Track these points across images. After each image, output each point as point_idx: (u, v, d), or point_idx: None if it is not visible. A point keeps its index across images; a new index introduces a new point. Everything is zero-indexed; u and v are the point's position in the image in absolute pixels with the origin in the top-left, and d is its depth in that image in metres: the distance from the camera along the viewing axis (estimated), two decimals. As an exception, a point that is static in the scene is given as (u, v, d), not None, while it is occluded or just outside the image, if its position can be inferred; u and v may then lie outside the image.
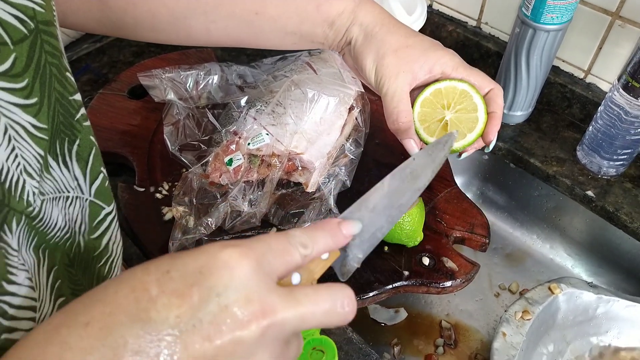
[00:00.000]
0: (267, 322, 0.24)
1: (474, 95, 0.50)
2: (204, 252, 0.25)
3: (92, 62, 0.91)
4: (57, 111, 0.32)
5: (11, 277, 0.27)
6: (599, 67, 0.76)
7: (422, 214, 0.60)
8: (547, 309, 0.63)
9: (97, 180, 0.37)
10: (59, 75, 0.31)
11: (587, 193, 0.72)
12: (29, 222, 0.29)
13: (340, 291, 0.27)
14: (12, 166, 0.27)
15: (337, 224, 0.31)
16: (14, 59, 0.27)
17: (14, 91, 0.27)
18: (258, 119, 0.64)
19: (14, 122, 0.27)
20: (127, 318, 0.23)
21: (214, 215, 0.58)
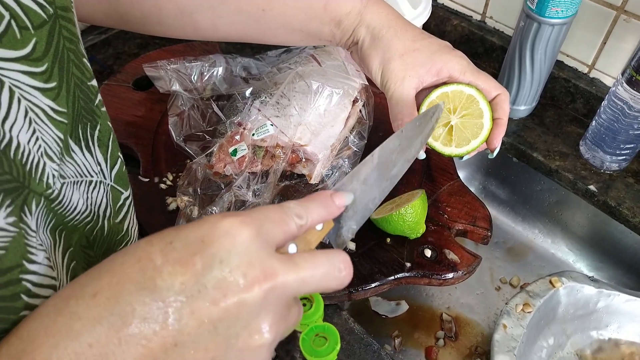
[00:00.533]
0: (269, 285, 0.25)
1: (480, 101, 0.50)
2: (205, 222, 0.26)
3: (97, 53, 0.92)
4: (77, 96, 0.32)
5: (31, 256, 0.27)
6: (603, 62, 0.76)
7: (425, 207, 0.60)
8: (548, 302, 0.64)
9: (116, 165, 0.38)
10: (76, 61, 0.32)
11: (589, 188, 0.72)
12: (47, 204, 0.29)
13: (337, 256, 0.29)
14: (33, 148, 0.28)
15: (330, 195, 0.33)
16: (35, 44, 0.28)
17: (34, 75, 0.28)
18: (262, 110, 0.64)
19: (34, 105, 0.28)
20: (134, 287, 0.24)
21: (218, 205, 0.59)
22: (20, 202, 0.27)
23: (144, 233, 0.64)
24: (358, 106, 0.70)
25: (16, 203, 0.26)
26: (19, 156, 0.27)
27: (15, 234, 0.26)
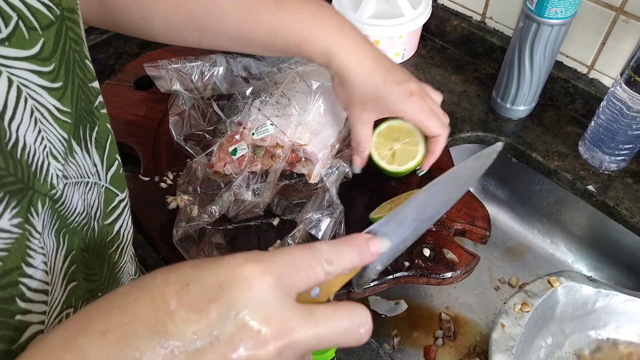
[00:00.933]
0: (285, 343, 0.24)
1: (417, 133, 0.64)
2: (224, 265, 0.25)
3: (99, 53, 0.92)
4: (80, 97, 0.32)
5: (30, 259, 0.27)
6: (603, 63, 0.77)
7: None
8: (546, 302, 0.64)
9: (112, 167, 0.38)
10: (80, 62, 0.32)
11: (588, 188, 0.72)
12: (52, 205, 0.30)
13: (359, 313, 0.27)
14: (38, 148, 0.28)
15: (366, 240, 0.30)
16: (43, 44, 0.28)
17: (42, 74, 0.28)
18: (262, 109, 0.65)
19: (40, 104, 0.28)
20: (145, 329, 0.23)
21: (218, 204, 0.59)
22: (26, 203, 0.27)
23: (144, 232, 0.64)
24: (358, 106, 0.71)
25: (22, 204, 0.26)
26: (25, 157, 0.27)
27: (19, 235, 0.26)
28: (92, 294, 0.37)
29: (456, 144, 0.80)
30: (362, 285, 0.34)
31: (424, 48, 0.94)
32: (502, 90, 0.78)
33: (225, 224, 0.62)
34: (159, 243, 0.62)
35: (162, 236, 0.62)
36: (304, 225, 0.59)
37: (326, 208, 0.61)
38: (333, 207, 0.61)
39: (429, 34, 0.95)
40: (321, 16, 0.55)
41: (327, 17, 0.55)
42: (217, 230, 0.61)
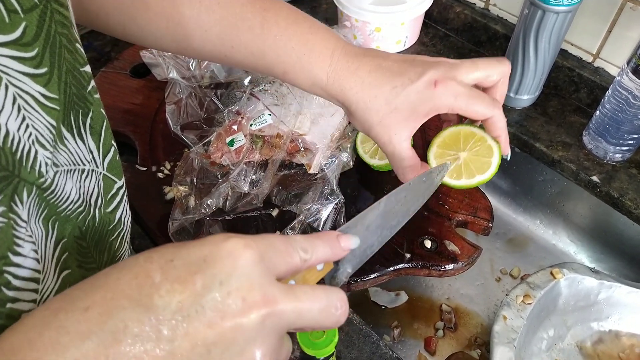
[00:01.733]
0: (267, 311, 0.25)
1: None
2: (208, 242, 0.26)
3: (95, 40, 0.90)
4: (69, 82, 0.31)
5: (17, 248, 0.27)
6: (608, 51, 0.75)
7: None
8: (549, 294, 0.63)
9: (109, 153, 0.37)
10: (69, 46, 0.31)
11: (592, 178, 0.71)
12: (39, 193, 0.29)
13: (335, 293, 0.28)
14: (23, 136, 0.27)
15: (337, 236, 0.32)
16: (24, 28, 0.27)
17: (24, 60, 0.27)
18: (261, 98, 0.63)
19: (23, 91, 0.27)
20: (129, 303, 0.23)
21: (214, 196, 0.58)
22: (10, 191, 0.26)
23: (142, 222, 0.63)
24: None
25: (5, 192, 0.26)
26: (8, 144, 0.26)
27: (3, 224, 0.25)
28: None
29: (458, 134, 0.79)
30: (335, 286, 0.36)
31: (426, 36, 0.92)
32: (506, 79, 0.77)
33: (224, 215, 0.61)
34: (157, 234, 0.61)
35: (160, 227, 0.61)
36: (303, 216, 0.59)
37: (326, 198, 0.60)
38: (333, 198, 0.60)
39: (432, 21, 0.94)
40: (310, 40, 0.48)
41: (317, 41, 0.48)
42: (215, 222, 0.60)
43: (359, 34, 0.85)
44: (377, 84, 0.47)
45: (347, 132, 0.68)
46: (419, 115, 0.47)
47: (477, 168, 0.52)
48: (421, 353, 0.71)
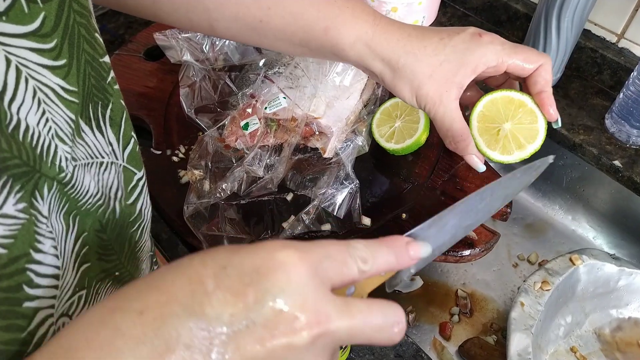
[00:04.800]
0: (320, 331, 0.24)
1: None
2: (261, 249, 0.25)
3: (108, 22, 0.90)
4: (88, 74, 0.31)
5: (38, 245, 0.26)
6: (634, 31, 0.72)
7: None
8: (567, 280, 0.62)
9: (129, 145, 0.37)
10: (87, 36, 0.30)
11: (614, 163, 0.70)
12: (60, 188, 0.28)
13: (393, 312, 0.26)
14: (43, 130, 0.27)
15: (406, 243, 0.30)
16: (43, 18, 0.26)
17: (43, 52, 0.26)
18: (276, 81, 0.62)
19: (42, 84, 0.26)
20: (182, 310, 0.23)
21: (229, 180, 0.58)
22: (30, 187, 0.26)
23: (157, 206, 0.63)
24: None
25: (26, 188, 0.25)
26: (28, 139, 0.25)
27: (25, 221, 0.25)
28: (107, 274, 0.37)
29: (476, 117, 0.77)
30: (394, 286, 0.33)
31: (444, 15, 0.90)
32: (526, 60, 0.75)
33: (239, 199, 0.61)
34: (172, 218, 0.61)
35: (175, 211, 0.61)
36: (318, 201, 0.58)
37: (341, 183, 0.59)
38: (348, 182, 0.60)
39: (450, 0, 0.91)
40: (350, 3, 0.46)
41: (357, 6, 0.47)
42: (230, 205, 0.60)
43: (375, 14, 0.83)
44: (423, 37, 0.46)
45: (362, 115, 0.67)
46: (467, 67, 0.45)
47: (526, 137, 0.49)
48: (436, 338, 0.71)
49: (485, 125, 0.50)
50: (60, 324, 0.31)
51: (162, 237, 0.62)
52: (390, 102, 0.66)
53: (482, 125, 0.50)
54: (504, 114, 0.49)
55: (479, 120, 0.50)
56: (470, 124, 0.50)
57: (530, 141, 0.49)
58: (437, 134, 0.68)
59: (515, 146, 0.49)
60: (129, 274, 0.41)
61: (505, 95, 0.49)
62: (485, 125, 0.50)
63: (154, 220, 0.63)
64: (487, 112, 0.50)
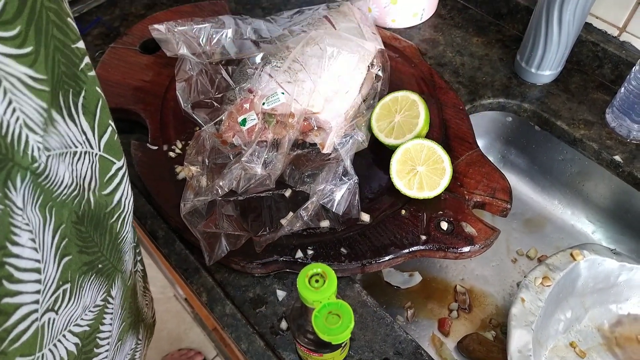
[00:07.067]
0: None
1: (419, 105, 0.64)
2: None
3: (103, 15, 0.88)
4: (58, 60, 0.29)
5: (15, 237, 0.26)
6: (636, 24, 0.71)
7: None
8: (568, 276, 0.62)
9: (105, 133, 0.36)
10: (58, 21, 0.29)
11: (614, 158, 0.69)
12: (34, 178, 0.27)
13: None
14: (11, 120, 0.26)
15: None
16: (4, 4, 0.25)
17: (5, 40, 0.25)
18: (274, 76, 0.61)
19: (7, 73, 0.25)
20: None
21: (226, 178, 0.57)
22: (3, 176, 0.25)
23: (154, 202, 0.63)
24: (373, 72, 0.67)
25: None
26: None
27: (0, 211, 0.24)
28: (89, 267, 0.36)
29: (476, 111, 0.77)
30: None
31: (443, 8, 0.89)
32: (527, 54, 0.74)
33: (236, 195, 0.60)
34: (168, 214, 0.60)
35: (172, 207, 0.60)
36: (317, 197, 0.57)
37: (340, 179, 0.59)
38: (347, 178, 0.59)
39: (449, -7, 0.90)
40: None
41: None
42: (227, 202, 0.59)
43: (374, 6, 0.82)
44: None
45: (361, 110, 0.66)
46: None
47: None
48: (435, 334, 0.70)
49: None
50: (45, 320, 0.31)
51: (159, 234, 0.61)
52: (390, 96, 0.65)
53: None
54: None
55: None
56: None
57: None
58: (436, 129, 0.67)
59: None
60: (112, 266, 0.40)
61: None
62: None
63: (151, 216, 0.63)
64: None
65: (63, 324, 0.34)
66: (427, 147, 0.60)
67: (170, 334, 1.44)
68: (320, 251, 0.57)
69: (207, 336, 1.41)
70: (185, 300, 1.42)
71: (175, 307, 1.48)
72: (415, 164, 0.60)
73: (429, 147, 0.60)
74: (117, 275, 0.42)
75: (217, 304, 0.56)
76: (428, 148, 0.60)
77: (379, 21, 0.84)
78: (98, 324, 0.41)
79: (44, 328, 0.31)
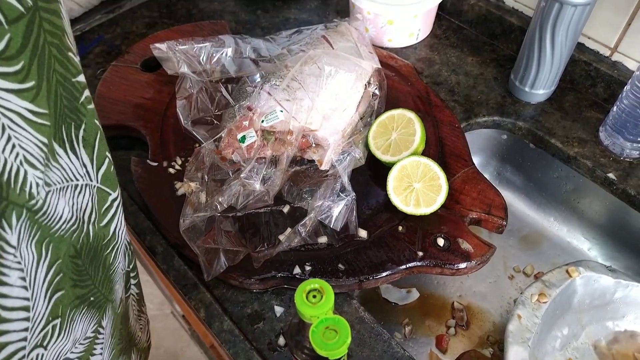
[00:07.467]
0: None
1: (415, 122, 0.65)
2: None
3: (105, 33, 0.90)
4: (60, 94, 0.30)
5: (3, 277, 0.26)
6: (627, 45, 0.73)
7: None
8: (564, 292, 0.62)
9: (103, 165, 0.36)
10: (59, 56, 0.29)
11: (608, 175, 0.70)
12: (30, 216, 0.27)
13: None
14: (9, 157, 0.26)
15: None
16: (8, 40, 0.25)
17: (7, 75, 0.25)
18: (273, 94, 0.63)
19: (6, 109, 0.25)
20: None
21: (225, 194, 0.58)
22: None
23: (153, 219, 0.63)
24: (370, 90, 0.69)
25: None
26: None
27: None
28: (81, 300, 0.36)
29: (472, 129, 0.78)
30: None
31: (439, 28, 0.90)
32: (521, 73, 0.75)
33: (235, 211, 0.60)
34: (168, 230, 0.61)
35: (171, 223, 0.60)
36: (315, 213, 0.58)
37: (337, 195, 0.59)
38: (345, 194, 0.60)
39: (445, 13, 0.92)
40: None
41: None
42: (226, 218, 0.59)
43: (371, 26, 0.83)
44: None
45: (358, 127, 0.67)
46: None
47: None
48: (432, 351, 0.70)
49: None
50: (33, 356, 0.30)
51: (158, 250, 0.61)
52: (387, 114, 0.66)
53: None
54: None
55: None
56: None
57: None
58: (432, 147, 0.68)
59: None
60: (103, 297, 0.40)
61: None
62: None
63: (150, 232, 0.63)
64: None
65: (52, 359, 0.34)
66: (424, 164, 0.61)
67: (167, 352, 1.42)
68: (318, 267, 0.57)
69: (204, 354, 1.40)
70: (182, 317, 1.42)
71: (172, 325, 1.47)
72: (411, 180, 0.61)
73: (425, 164, 0.61)
74: (108, 305, 0.42)
75: (215, 319, 0.56)
76: (424, 165, 0.61)
77: (376, 41, 0.86)
78: (88, 355, 0.40)
79: None
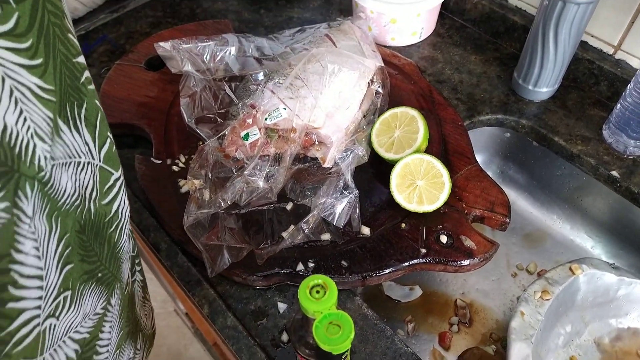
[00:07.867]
0: None
1: (418, 120, 0.65)
2: None
3: (109, 32, 0.90)
4: (64, 73, 0.31)
5: (19, 245, 0.27)
6: (630, 43, 0.73)
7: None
8: (567, 290, 0.62)
9: (105, 145, 0.37)
10: (62, 36, 0.31)
11: (611, 173, 0.70)
12: (41, 187, 0.28)
13: None
14: (21, 130, 0.27)
15: None
16: (17, 18, 0.26)
17: (19, 51, 0.26)
18: (276, 92, 0.63)
19: (19, 83, 0.27)
20: None
21: (229, 191, 0.58)
22: (12, 186, 0.26)
23: (157, 216, 0.63)
24: (373, 88, 0.69)
25: (8, 188, 0.25)
26: (6, 139, 0.26)
27: (6, 220, 0.25)
28: (90, 275, 0.37)
29: (475, 127, 0.78)
30: None
31: (442, 27, 0.91)
32: (524, 71, 0.75)
33: (238, 208, 0.61)
34: (172, 227, 0.61)
35: (175, 220, 0.61)
36: (318, 211, 0.58)
37: (340, 193, 0.60)
38: (348, 192, 0.60)
39: (448, 11, 0.92)
40: None
41: None
42: (229, 215, 0.60)
43: (374, 25, 0.83)
44: None
45: (361, 125, 0.68)
46: None
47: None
48: (435, 348, 0.70)
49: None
50: (47, 325, 0.31)
51: (162, 247, 0.62)
52: (390, 112, 0.67)
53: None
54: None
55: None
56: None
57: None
58: (435, 144, 0.68)
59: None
60: (111, 274, 0.41)
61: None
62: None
63: (154, 229, 0.63)
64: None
65: (63, 331, 0.35)
66: (426, 161, 0.61)
67: (170, 349, 1.43)
68: (321, 264, 0.57)
69: (207, 351, 1.40)
70: (185, 315, 1.42)
71: (175, 322, 1.47)
72: (414, 178, 0.61)
73: (428, 162, 0.61)
74: (116, 284, 0.43)
75: (219, 316, 0.57)
76: (427, 162, 0.61)
77: (379, 39, 0.86)
78: (97, 332, 0.41)
79: (45, 333, 0.32)
